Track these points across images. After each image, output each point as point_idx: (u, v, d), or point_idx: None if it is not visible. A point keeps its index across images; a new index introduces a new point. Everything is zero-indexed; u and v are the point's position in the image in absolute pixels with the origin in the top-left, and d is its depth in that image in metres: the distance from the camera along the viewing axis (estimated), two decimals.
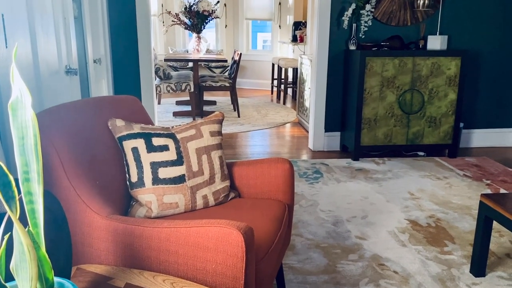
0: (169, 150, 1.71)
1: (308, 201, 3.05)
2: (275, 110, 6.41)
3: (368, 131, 3.92)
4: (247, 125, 5.42)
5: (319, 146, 4.35)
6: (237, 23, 8.49)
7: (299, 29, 7.02)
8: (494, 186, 3.35)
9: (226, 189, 1.82)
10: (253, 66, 8.56)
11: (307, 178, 3.50)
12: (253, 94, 7.89)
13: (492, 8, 4.15)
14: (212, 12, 5.90)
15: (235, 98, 5.97)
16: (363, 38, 4.06)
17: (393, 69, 3.80)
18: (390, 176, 3.57)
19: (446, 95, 3.90)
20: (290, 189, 1.88)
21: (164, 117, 5.82)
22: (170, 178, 1.69)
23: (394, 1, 4.02)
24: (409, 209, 2.92)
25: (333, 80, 4.20)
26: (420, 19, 4.07)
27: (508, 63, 4.30)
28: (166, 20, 7.48)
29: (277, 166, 1.87)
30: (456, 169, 3.73)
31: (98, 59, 3.14)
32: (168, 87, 5.58)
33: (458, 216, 2.82)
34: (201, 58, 5.80)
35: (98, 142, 1.66)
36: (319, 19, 4.04)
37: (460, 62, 3.83)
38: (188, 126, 1.82)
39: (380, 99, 3.86)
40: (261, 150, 4.44)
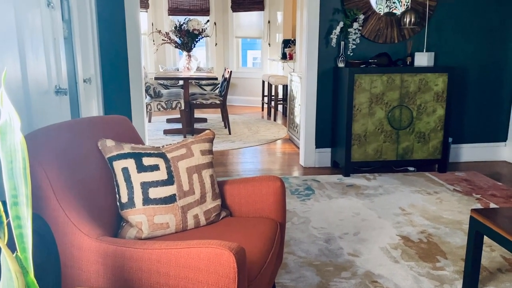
0: (160, 169, 1.70)
1: (300, 218, 3.04)
2: (266, 126, 6.43)
3: (358, 147, 3.95)
4: (238, 142, 5.42)
5: (310, 163, 4.36)
6: (227, 41, 8.57)
7: (288, 46, 7.10)
8: (484, 200, 3.37)
9: (217, 208, 1.81)
10: (244, 83, 8.62)
11: (298, 195, 3.50)
12: (244, 111, 7.92)
13: (477, 25, 4.24)
14: (202, 31, 5.95)
15: (226, 115, 5.98)
16: (351, 55, 4.11)
17: (382, 86, 3.85)
18: (381, 191, 3.58)
19: (434, 111, 3.95)
20: (282, 207, 1.87)
21: (155, 135, 5.81)
22: (160, 198, 1.68)
23: (381, 19, 4.09)
24: (401, 225, 2.92)
25: (323, 96, 4.24)
26: (407, 36, 4.14)
27: (493, 79, 4.38)
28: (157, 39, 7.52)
29: (268, 184, 1.87)
30: (446, 184, 3.76)
31: (88, 78, 3.14)
32: (159, 105, 5.58)
33: (450, 231, 2.83)
34: (192, 76, 5.82)
35: (88, 163, 1.65)
36: (308, 37, 4.09)
37: (447, 78, 3.89)
38: (178, 145, 1.82)
39: (369, 115, 3.90)
40: (252, 167, 4.44)
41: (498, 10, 4.24)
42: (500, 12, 4.25)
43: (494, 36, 4.30)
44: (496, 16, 4.25)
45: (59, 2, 2.34)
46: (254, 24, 8.39)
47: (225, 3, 8.36)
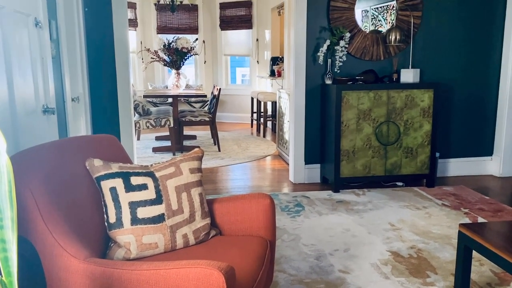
0: (148, 189, 1.70)
1: (291, 235, 3.03)
2: (255, 143, 6.45)
3: (347, 162, 3.97)
4: (227, 159, 5.42)
5: (299, 179, 4.37)
6: (216, 58, 8.63)
7: (277, 64, 7.18)
8: (472, 214, 3.40)
9: (207, 227, 1.80)
10: (233, 100, 8.66)
11: (288, 211, 3.50)
12: (233, 128, 7.94)
13: (460, 41, 4.34)
14: (191, 49, 5.99)
15: (215, 132, 5.99)
16: (338, 72, 4.17)
17: (369, 102, 3.89)
18: (370, 207, 3.59)
19: (421, 126, 4.00)
20: (272, 225, 1.87)
21: (144, 153, 5.78)
22: (149, 217, 1.67)
23: (367, 37, 4.17)
24: (391, 240, 2.93)
25: (311, 113, 4.27)
26: (393, 53, 4.22)
27: (478, 94, 4.47)
28: (145, 57, 7.55)
29: (258, 201, 1.87)
30: (435, 199, 3.78)
31: (76, 97, 3.13)
32: (148, 123, 5.57)
33: (439, 246, 2.84)
34: (181, 94, 5.84)
35: (75, 183, 1.64)
36: (295, 55, 4.14)
37: (433, 94, 3.96)
38: (167, 164, 1.81)
39: (357, 131, 3.93)
40: (242, 184, 4.43)
41: (481, 27, 4.35)
42: (483, 28, 4.35)
43: (478, 52, 4.39)
44: (479, 32, 4.35)
45: (47, 22, 2.35)
46: (242, 42, 8.48)
47: (214, 22, 8.45)
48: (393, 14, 4.18)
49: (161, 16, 8.25)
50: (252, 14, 8.15)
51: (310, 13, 4.10)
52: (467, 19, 4.31)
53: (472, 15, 4.31)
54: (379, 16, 4.22)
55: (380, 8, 4.20)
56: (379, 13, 4.21)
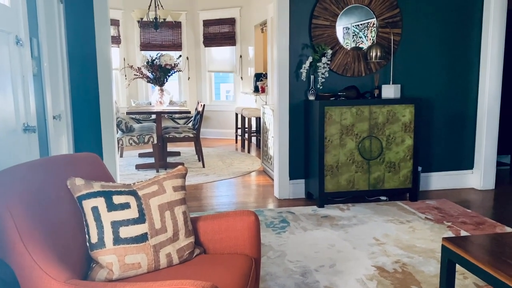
0: (131, 208, 1.67)
1: (276, 252, 3.02)
2: (240, 159, 6.44)
3: (331, 177, 3.99)
4: (212, 175, 5.39)
5: (284, 194, 4.37)
6: (200, 75, 8.66)
7: (260, 80, 7.23)
8: (455, 228, 3.44)
9: (191, 246, 1.78)
10: (217, 116, 8.66)
11: (274, 227, 3.48)
12: (218, 144, 7.92)
13: (440, 57, 4.45)
14: (174, 66, 6.00)
15: (199, 148, 5.97)
16: (321, 88, 4.22)
17: (351, 118, 3.94)
18: (355, 222, 3.60)
19: (403, 141, 4.06)
20: (257, 242, 1.86)
21: (127, 170, 5.72)
22: (132, 237, 1.64)
23: (349, 53, 4.24)
24: (376, 255, 2.93)
25: (295, 128, 4.30)
26: (374, 69, 4.29)
27: (457, 109, 4.56)
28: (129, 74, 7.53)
29: (242, 219, 1.86)
30: (418, 212, 3.82)
31: (58, 115, 3.09)
32: (131, 140, 5.52)
33: (423, 260, 2.86)
34: (164, 110, 5.82)
35: (56, 203, 1.61)
36: (279, 71, 4.18)
37: (414, 109, 4.03)
38: (150, 182, 1.80)
39: (340, 146, 3.97)
40: (227, 200, 4.41)
41: (459, 44, 4.47)
42: (461, 45, 4.47)
43: (457, 68, 4.50)
44: (457, 49, 4.47)
45: (29, 40, 2.33)
46: (226, 58, 8.53)
47: (197, 38, 8.50)
48: (374, 31, 4.27)
49: (145, 33, 8.26)
50: (236, 31, 8.23)
51: (293, 30, 4.16)
52: (445, 36, 4.43)
53: (450, 32, 4.43)
54: (360, 33, 4.30)
55: (361, 25, 4.29)
56: (360, 30, 4.29)
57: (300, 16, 4.16)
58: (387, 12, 4.24)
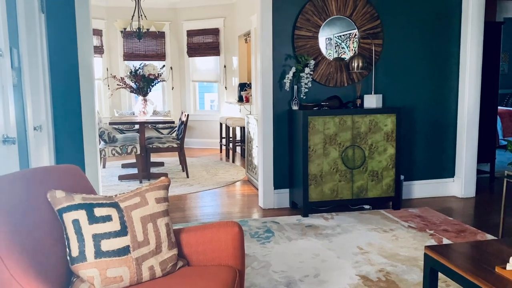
0: (112, 220, 1.65)
1: (261, 262, 3.01)
2: (224, 168, 6.42)
3: (315, 187, 4.01)
4: (196, 186, 5.37)
5: (269, 204, 4.37)
6: (184, 84, 8.64)
7: (245, 90, 7.25)
8: (437, 236, 3.48)
9: (174, 258, 1.77)
10: (201, 126, 8.64)
11: (258, 238, 3.48)
12: (202, 154, 7.90)
13: (420, 67, 4.53)
14: (158, 76, 5.98)
15: (183, 158, 5.94)
16: (304, 98, 4.25)
17: (334, 127, 3.98)
18: (339, 231, 3.62)
19: (385, 150, 4.10)
20: (241, 254, 1.85)
21: (110, 181, 5.65)
22: (113, 250, 1.62)
23: (331, 64, 4.29)
24: (360, 264, 2.95)
25: (279, 138, 4.32)
26: (356, 80, 4.35)
27: (438, 118, 4.64)
28: (112, 84, 7.47)
29: (226, 230, 1.85)
30: (401, 221, 3.86)
31: (38, 126, 3.05)
32: (113, 150, 5.47)
33: (406, 268, 2.88)
34: (148, 120, 5.78)
35: (36, 216, 1.58)
36: (263, 81, 4.21)
37: (395, 118, 4.08)
38: (132, 194, 1.78)
39: (324, 156, 3.99)
40: (211, 211, 4.39)
41: (439, 54, 4.56)
42: (441, 55, 4.57)
43: (437, 78, 4.59)
44: (437, 59, 4.56)
45: (9, 50, 2.30)
46: (210, 68, 8.54)
47: (181, 48, 8.50)
48: (356, 42, 4.33)
49: (128, 43, 8.23)
50: (220, 41, 8.26)
51: (276, 41, 4.19)
52: (425, 47, 4.52)
53: (430, 43, 4.53)
54: (342, 44, 4.36)
55: (343, 36, 4.35)
56: (342, 41, 4.35)
57: (283, 27, 4.20)
58: (368, 24, 4.31)
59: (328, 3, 4.20)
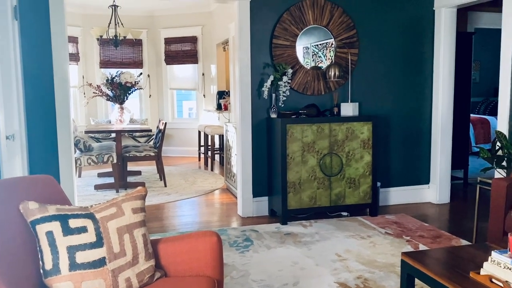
0: (88, 231, 1.62)
1: (240, 271, 2.99)
2: (203, 177, 6.38)
3: (294, 194, 4.02)
4: (174, 195, 5.31)
5: (248, 212, 4.36)
6: (161, 92, 8.57)
7: (223, 97, 7.24)
8: (413, 242, 3.53)
9: (151, 269, 1.74)
10: (179, 134, 8.58)
11: (237, 247, 3.46)
12: (180, 162, 7.83)
13: (395, 76, 4.62)
14: (135, 84, 5.92)
15: (161, 167, 5.88)
16: (282, 106, 4.28)
17: (312, 135, 4.01)
18: (317, 238, 3.64)
19: (362, 157, 4.16)
20: (219, 263, 1.84)
21: (85, 191, 5.54)
22: (89, 262, 1.59)
23: (308, 73, 4.34)
24: (338, 271, 2.96)
25: (258, 146, 4.32)
26: (333, 88, 4.40)
27: (413, 125, 4.74)
28: (88, 92, 7.35)
29: (204, 240, 1.84)
30: (378, 227, 3.90)
31: (11, 135, 2.97)
32: (89, 159, 5.37)
33: (384, 274, 2.91)
34: (124, 129, 5.71)
35: (8, 228, 1.53)
36: (241, 89, 4.21)
37: (372, 126, 4.15)
38: (108, 204, 1.75)
39: (302, 163, 4.02)
40: (190, 220, 4.35)
41: (414, 63, 4.67)
42: (416, 64, 4.67)
43: (412, 86, 4.69)
44: (412, 67, 4.67)
45: None
46: (188, 76, 8.51)
47: (159, 56, 8.44)
48: (332, 51, 4.39)
49: (104, 50, 8.13)
50: (198, 49, 8.24)
51: (254, 49, 4.21)
52: (400, 56, 4.62)
53: (405, 52, 4.63)
54: (319, 53, 4.41)
55: (320, 45, 4.41)
56: (319, 50, 4.41)
57: (261, 36, 4.23)
58: (345, 33, 4.38)
59: (305, 12, 4.26)
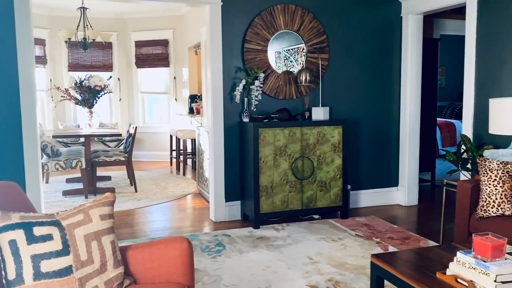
0: (53, 239, 1.57)
1: (211, 277, 2.97)
2: (174, 182, 6.32)
3: (266, 198, 4.03)
4: (145, 200, 5.23)
5: (220, 217, 4.34)
6: (132, 96, 8.45)
7: (195, 101, 7.20)
8: (383, 243, 3.60)
9: (120, 277, 1.71)
10: (151, 138, 8.47)
11: (209, 252, 3.43)
12: (152, 167, 7.73)
13: (364, 81, 4.71)
14: (104, 87, 5.82)
15: (131, 172, 5.78)
16: (254, 110, 4.29)
17: (284, 139, 4.04)
18: (289, 241, 3.65)
19: (333, 161, 4.21)
20: (190, 270, 1.82)
21: (53, 197, 5.39)
22: (54, 271, 1.54)
23: (280, 77, 4.37)
24: (310, 274, 2.99)
25: (230, 150, 4.32)
26: (304, 93, 4.45)
27: (382, 129, 4.84)
28: (55, 95, 7.17)
29: (174, 246, 1.82)
30: (349, 230, 3.96)
31: None
32: (57, 164, 5.23)
33: (355, 276, 2.95)
34: (94, 133, 5.60)
35: None
36: (213, 93, 4.20)
37: (342, 130, 4.21)
38: (75, 211, 1.71)
39: (274, 167, 4.04)
40: (161, 226, 4.29)
41: (383, 68, 4.77)
42: (384, 69, 4.78)
43: (380, 91, 4.79)
44: (381, 72, 4.77)
45: None
46: (160, 79, 8.42)
47: (129, 59, 8.32)
48: (303, 56, 4.44)
49: (73, 53, 7.95)
50: (169, 52, 8.18)
51: (226, 53, 4.21)
52: (369, 61, 4.71)
53: (374, 58, 4.73)
54: (290, 58, 4.45)
55: (292, 50, 4.45)
56: (290, 55, 4.45)
57: (232, 40, 4.23)
58: (315, 38, 4.44)
59: (276, 17, 4.29)
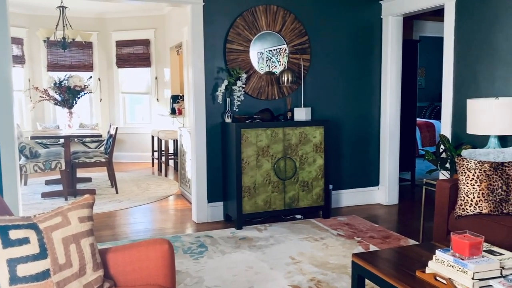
0: (30, 243, 1.54)
1: (193, 278, 2.95)
2: (156, 183, 6.26)
3: (249, 198, 4.03)
4: (126, 202, 5.17)
5: (202, 218, 4.32)
6: (112, 96, 8.34)
7: (177, 102, 7.15)
8: (364, 243, 3.63)
9: (99, 280, 1.68)
10: (132, 139, 8.38)
11: (191, 253, 3.41)
12: (133, 168, 7.65)
13: (345, 82, 4.76)
14: (84, 87, 5.73)
15: (112, 173, 5.71)
16: (237, 111, 4.28)
17: (266, 139, 4.04)
18: (272, 242, 3.66)
19: (315, 161, 4.24)
20: (171, 272, 1.80)
21: (32, 199, 5.28)
22: (31, 275, 1.51)
23: (262, 78, 4.37)
24: (292, 274, 2.99)
25: (213, 151, 4.30)
26: (286, 93, 4.46)
27: (363, 130, 4.89)
28: (34, 96, 7.03)
29: (155, 248, 1.80)
30: (331, 229, 3.99)
31: None
32: (36, 166, 5.13)
33: (336, 276, 2.97)
34: (73, 134, 5.51)
35: None
36: (195, 94, 4.18)
37: (323, 130, 4.24)
38: (53, 214, 1.67)
39: (257, 168, 4.04)
40: (142, 227, 4.25)
41: (363, 69, 4.82)
42: (365, 70, 4.83)
43: (361, 91, 4.84)
44: (362, 73, 4.82)
45: None
46: (141, 79, 8.34)
47: (110, 59, 8.22)
48: (286, 56, 4.46)
49: (52, 53, 7.81)
50: (151, 52, 8.11)
51: (208, 54, 4.20)
52: (350, 62, 4.76)
53: (355, 59, 4.77)
54: (273, 58, 4.46)
55: (274, 50, 4.46)
56: (273, 56, 4.46)
57: (214, 40, 4.22)
58: (297, 39, 4.46)
59: (258, 18, 4.30)
